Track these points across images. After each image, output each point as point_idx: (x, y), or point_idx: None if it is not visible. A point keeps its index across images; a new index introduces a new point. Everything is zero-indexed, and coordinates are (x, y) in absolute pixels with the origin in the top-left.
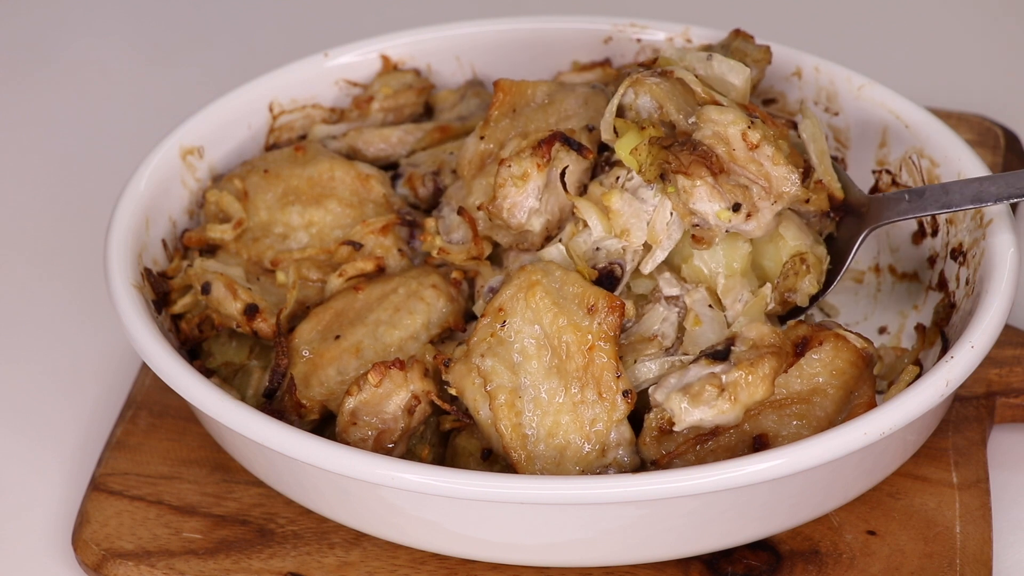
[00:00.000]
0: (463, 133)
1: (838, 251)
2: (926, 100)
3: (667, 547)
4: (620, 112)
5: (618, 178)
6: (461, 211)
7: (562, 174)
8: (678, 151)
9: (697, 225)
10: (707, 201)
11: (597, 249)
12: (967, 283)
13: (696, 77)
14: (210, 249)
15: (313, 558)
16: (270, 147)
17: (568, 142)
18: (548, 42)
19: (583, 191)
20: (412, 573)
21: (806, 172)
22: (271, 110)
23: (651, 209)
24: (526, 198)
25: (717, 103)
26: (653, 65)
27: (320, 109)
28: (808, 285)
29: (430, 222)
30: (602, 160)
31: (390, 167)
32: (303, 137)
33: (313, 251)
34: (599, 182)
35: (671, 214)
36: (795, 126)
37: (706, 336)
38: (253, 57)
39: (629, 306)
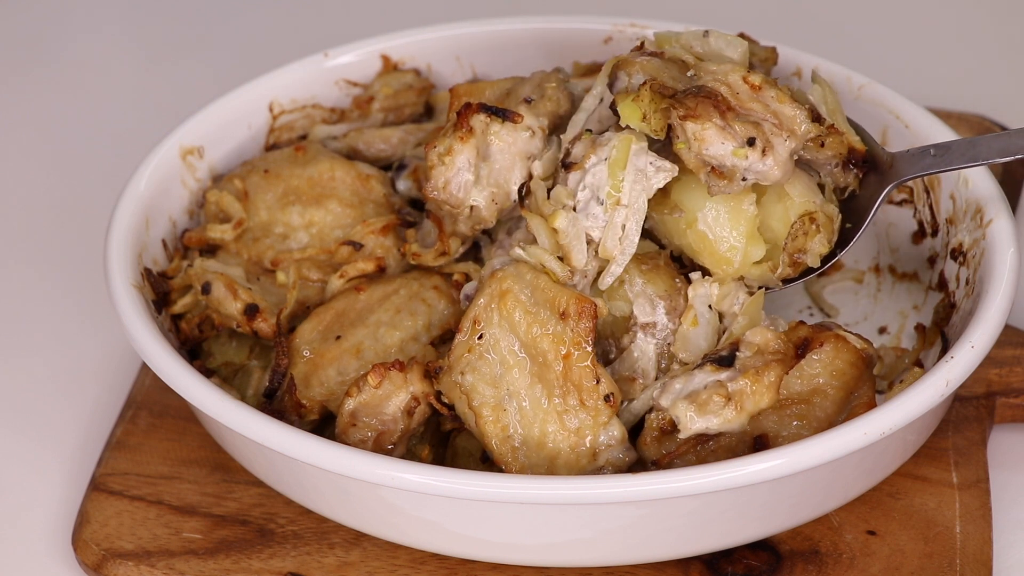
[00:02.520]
0: None
1: (860, 208)
2: (926, 100)
3: (667, 547)
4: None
5: (565, 203)
6: (428, 214)
7: (520, 189)
8: (682, 97)
9: (715, 168)
10: (719, 143)
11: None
12: (967, 283)
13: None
14: (210, 249)
15: (313, 558)
16: (270, 147)
17: (488, 110)
18: (548, 42)
19: (556, 172)
20: (412, 573)
21: (816, 119)
22: (271, 110)
23: (601, 226)
24: (457, 173)
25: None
26: (641, 49)
27: (320, 109)
28: (818, 245)
29: (411, 232)
30: (560, 165)
31: (391, 168)
32: (303, 137)
33: (313, 251)
34: (550, 198)
35: (622, 228)
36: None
37: (697, 342)
38: (253, 57)
39: (600, 305)
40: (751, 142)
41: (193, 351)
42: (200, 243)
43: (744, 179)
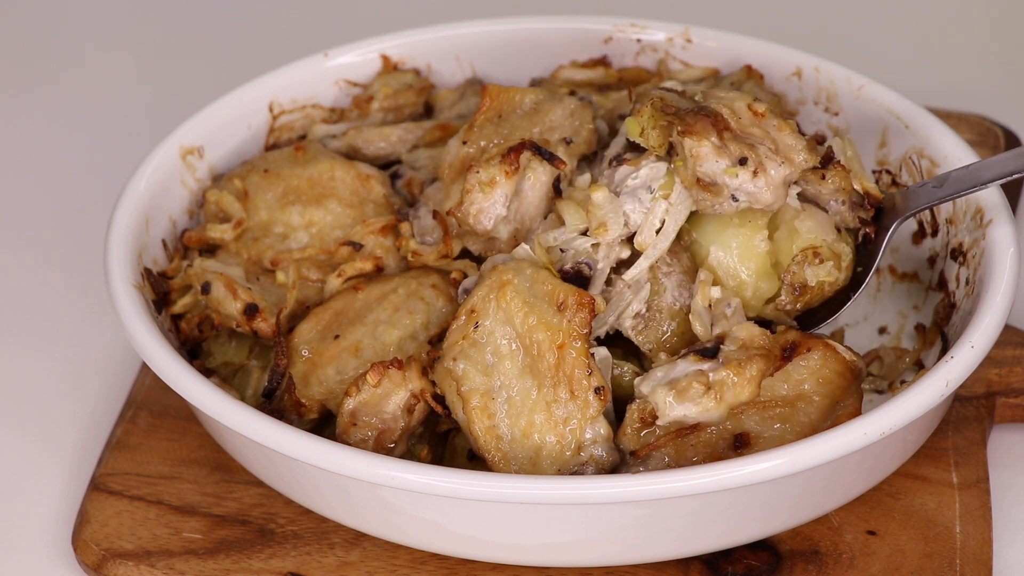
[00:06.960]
0: None
1: (869, 252)
2: (926, 100)
3: (667, 547)
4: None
5: (608, 183)
6: (436, 214)
7: (556, 181)
8: (683, 114)
9: (702, 181)
10: (713, 160)
11: (563, 251)
12: (967, 283)
13: None
14: (210, 249)
15: (313, 558)
16: (270, 147)
17: (539, 151)
18: (548, 42)
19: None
20: (412, 573)
21: (827, 158)
22: (271, 110)
23: (643, 210)
24: (493, 205)
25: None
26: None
27: (320, 109)
28: (824, 274)
29: (405, 226)
30: (609, 162)
31: (390, 166)
32: (303, 137)
33: (313, 251)
34: (593, 176)
35: (661, 223)
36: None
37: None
38: (253, 57)
39: (599, 301)
40: (743, 162)
41: (193, 351)
42: (200, 243)
43: (735, 199)
